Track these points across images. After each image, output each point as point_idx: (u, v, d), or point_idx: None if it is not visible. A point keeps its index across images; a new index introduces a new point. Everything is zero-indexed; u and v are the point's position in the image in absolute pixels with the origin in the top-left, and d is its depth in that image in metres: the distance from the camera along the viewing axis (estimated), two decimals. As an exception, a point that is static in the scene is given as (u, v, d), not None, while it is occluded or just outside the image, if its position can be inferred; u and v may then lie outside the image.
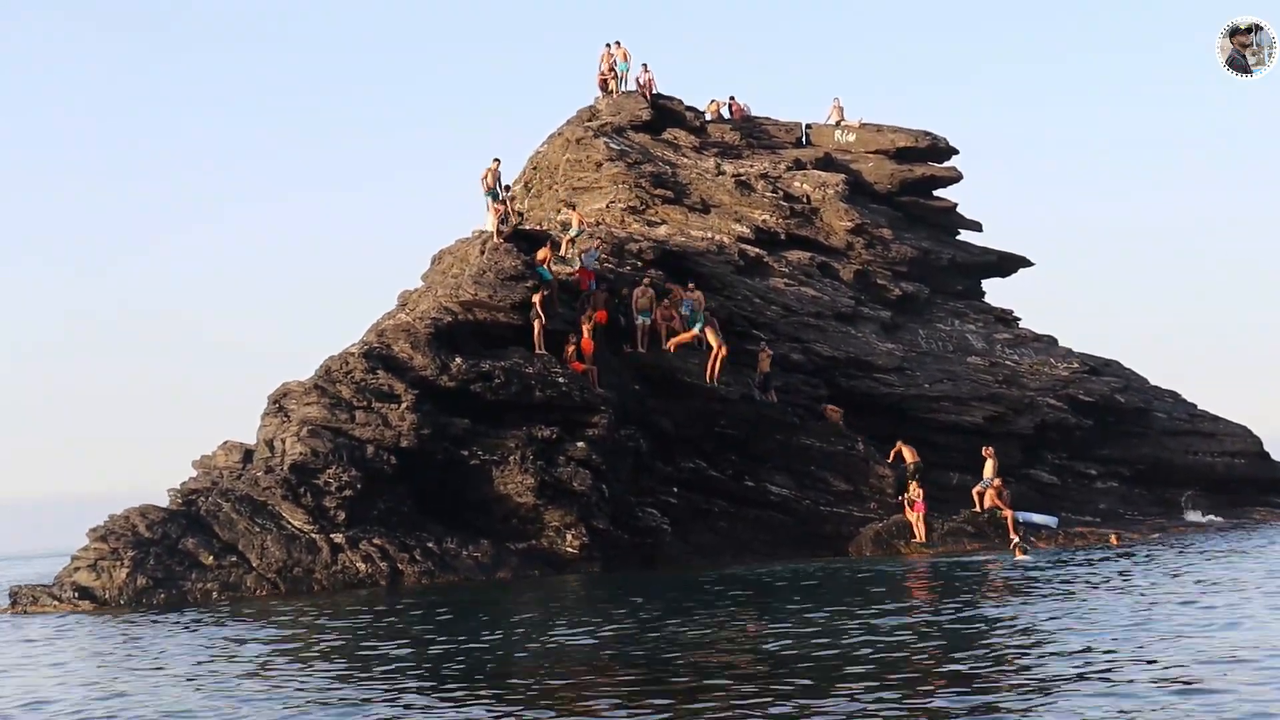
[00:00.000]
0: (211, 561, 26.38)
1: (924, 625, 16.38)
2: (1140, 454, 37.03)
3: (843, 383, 34.68)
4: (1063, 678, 11.88)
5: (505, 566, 27.46)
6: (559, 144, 41.23)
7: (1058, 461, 36.26)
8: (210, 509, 27.23)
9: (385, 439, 28.01)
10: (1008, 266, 41.96)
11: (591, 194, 38.95)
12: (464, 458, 28.59)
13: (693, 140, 40.54)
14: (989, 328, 39.04)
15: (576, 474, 28.60)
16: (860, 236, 38.22)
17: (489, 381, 29.16)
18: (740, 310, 34.99)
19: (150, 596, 25.61)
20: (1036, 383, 36.49)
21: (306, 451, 27.60)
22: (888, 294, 37.90)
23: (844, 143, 41.57)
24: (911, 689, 11.73)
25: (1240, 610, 15.90)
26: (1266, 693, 10.83)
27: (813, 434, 32.45)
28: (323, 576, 26.39)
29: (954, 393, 35.23)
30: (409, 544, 27.25)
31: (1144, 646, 13.40)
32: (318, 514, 27.08)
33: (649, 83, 41.41)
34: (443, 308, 31.10)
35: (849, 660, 13.48)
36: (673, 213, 38.05)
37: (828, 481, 32.16)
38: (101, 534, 26.77)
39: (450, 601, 22.77)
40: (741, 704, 11.39)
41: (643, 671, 13.54)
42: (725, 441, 32.06)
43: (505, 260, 31.50)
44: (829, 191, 38.50)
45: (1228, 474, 37.61)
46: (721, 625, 17.06)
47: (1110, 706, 10.54)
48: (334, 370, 29.49)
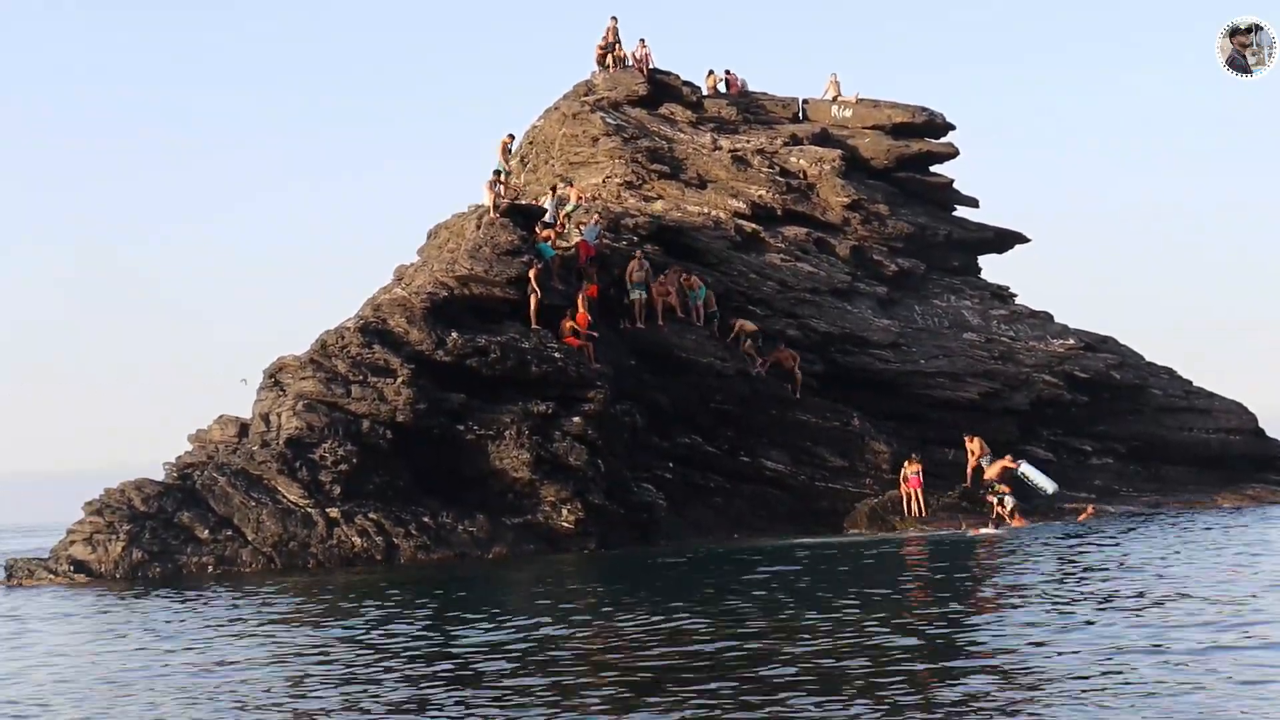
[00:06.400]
0: (207, 536, 26.40)
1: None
2: (1135, 430, 37.04)
3: (838, 358, 34.67)
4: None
5: (501, 541, 27.49)
6: (555, 119, 41.06)
7: (1053, 438, 36.26)
8: (206, 483, 27.23)
9: (381, 414, 28.00)
10: (1004, 243, 41.87)
11: (588, 169, 38.82)
12: (460, 432, 28.59)
13: (689, 115, 40.37)
14: (985, 304, 38.98)
15: (572, 449, 28.60)
16: (856, 212, 38.13)
17: (485, 356, 29.14)
18: (736, 286, 34.94)
19: (146, 570, 25.65)
20: (1032, 359, 36.48)
21: (302, 426, 27.59)
22: (884, 270, 37.84)
23: (841, 118, 41.38)
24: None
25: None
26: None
27: (808, 409, 32.49)
28: (318, 551, 26.42)
29: (950, 369, 35.22)
30: (404, 519, 27.26)
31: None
32: (313, 488, 27.08)
33: (646, 57, 41.19)
34: (439, 282, 31.06)
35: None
36: (669, 188, 37.95)
37: (823, 457, 32.22)
38: (97, 508, 26.79)
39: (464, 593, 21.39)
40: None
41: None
42: (721, 417, 32.10)
43: (501, 235, 31.44)
44: (825, 167, 38.39)
45: (1223, 451, 37.62)
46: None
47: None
48: (330, 345, 29.47)
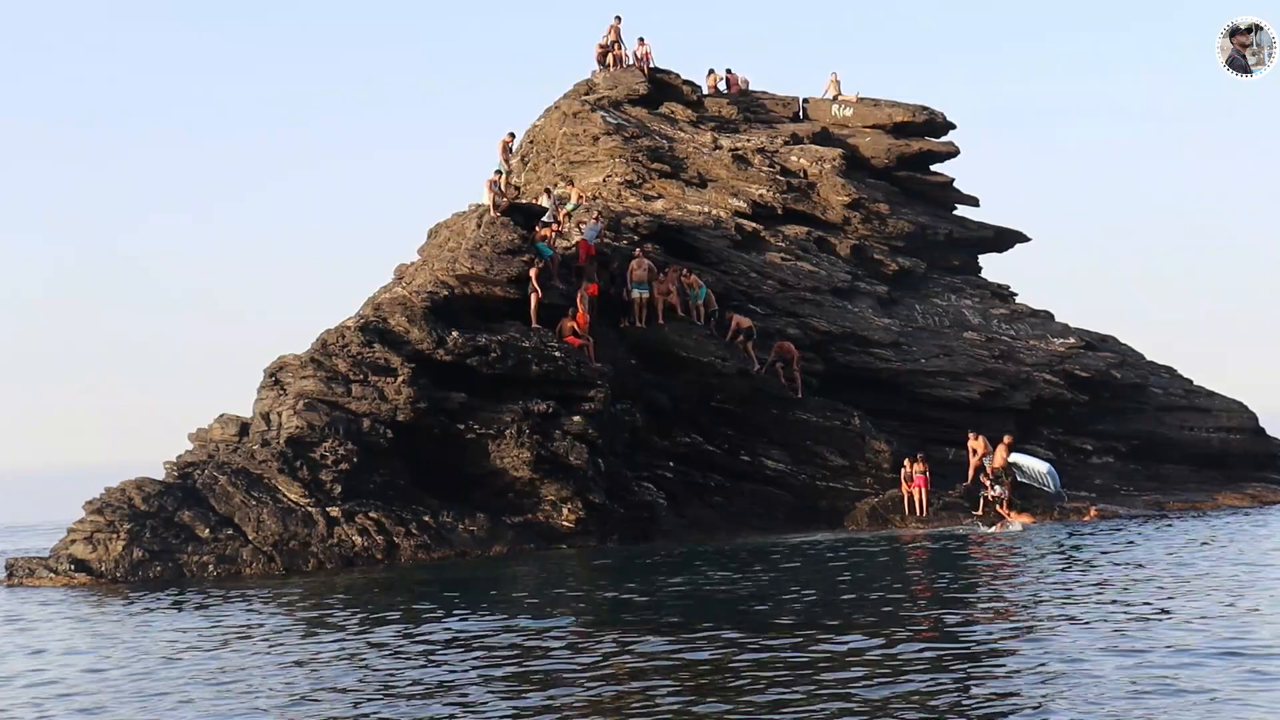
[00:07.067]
0: (208, 534, 26.38)
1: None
2: (1136, 429, 37.02)
3: (839, 358, 34.65)
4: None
5: (501, 540, 27.49)
6: (555, 117, 41.06)
7: (1053, 437, 36.22)
8: (206, 482, 27.23)
9: (381, 412, 28.00)
10: (1005, 242, 41.87)
11: (588, 168, 38.83)
12: (460, 431, 28.60)
13: (690, 115, 40.40)
14: (985, 303, 38.99)
15: (573, 448, 28.61)
16: (857, 211, 38.14)
17: (485, 355, 29.15)
18: (737, 285, 34.93)
19: (146, 569, 25.63)
20: (1033, 358, 36.46)
21: (303, 425, 27.59)
22: (884, 269, 37.85)
23: (841, 117, 41.40)
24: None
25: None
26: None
27: (809, 409, 32.48)
28: (319, 550, 26.41)
29: (950, 368, 35.20)
30: (405, 518, 27.26)
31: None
32: (314, 487, 27.08)
33: (646, 56, 41.22)
34: (439, 281, 31.06)
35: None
36: (669, 187, 37.95)
37: (823, 456, 32.19)
38: (98, 507, 26.77)
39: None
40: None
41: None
42: (721, 416, 32.09)
43: (501, 234, 31.43)
44: (826, 166, 38.39)
45: (1223, 449, 37.60)
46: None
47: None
48: (330, 344, 29.46)
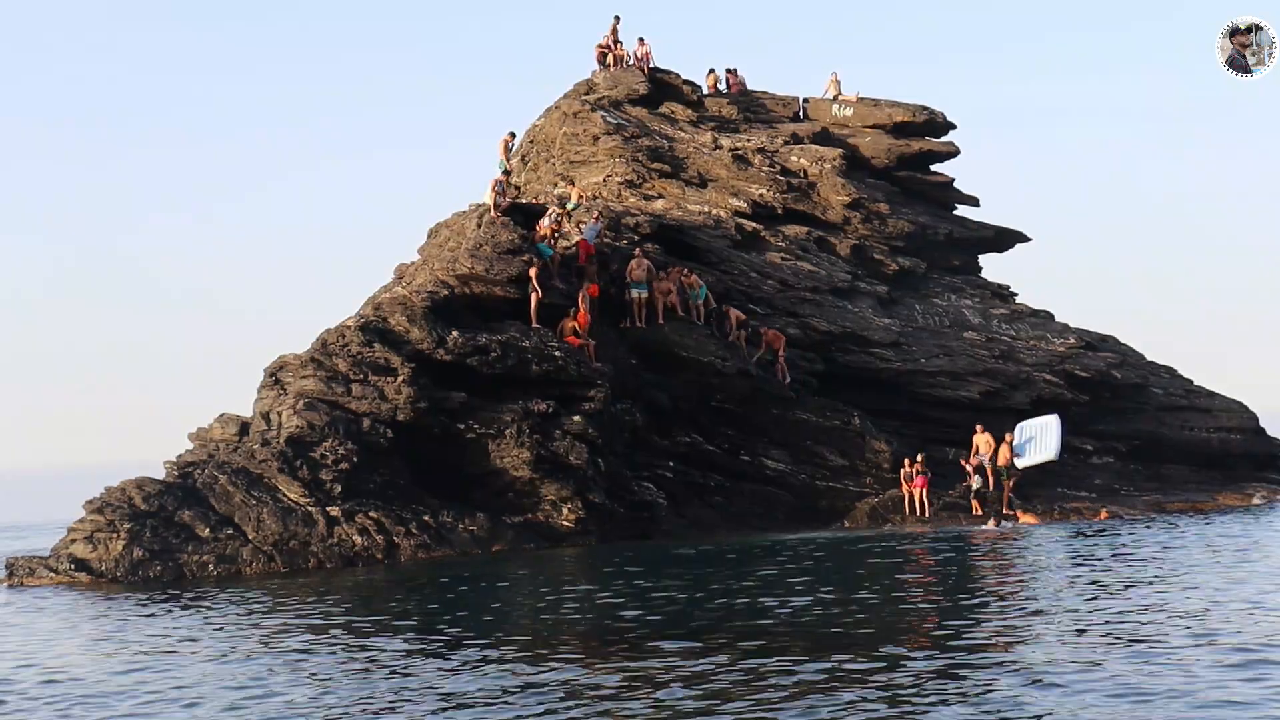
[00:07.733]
0: (208, 534, 26.38)
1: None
2: (1136, 429, 37.03)
3: (839, 358, 34.65)
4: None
5: (501, 540, 27.51)
6: (556, 117, 41.04)
7: (1053, 437, 36.20)
8: (206, 481, 27.23)
9: (381, 412, 28.01)
10: (1005, 242, 41.86)
11: (588, 168, 38.83)
12: (460, 431, 28.61)
13: (690, 114, 40.40)
14: (985, 303, 38.99)
15: (573, 448, 28.62)
16: (857, 211, 38.14)
17: (485, 355, 29.15)
18: (737, 285, 34.93)
19: (146, 569, 25.62)
20: (1033, 358, 36.47)
21: (303, 424, 27.60)
22: (884, 269, 37.85)
23: (841, 117, 41.38)
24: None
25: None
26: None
27: (809, 408, 32.49)
28: (319, 550, 26.41)
29: (950, 368, 35.21)
30: (405, 517, 27.27)
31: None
32: (314, 487, 27.08)
33: (646, 56, 41.22)
34: (439, 281, 31.07)
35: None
36: (669, 187, 37.95)
37: (823, 456, 32.20)
38: (98, 506, 26.77)
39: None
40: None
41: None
42: (721, 415, 32.10)
43: (502, 234, 31.44)
44: (826, 166, 38.39)
45: (1223, 450, 37.61)
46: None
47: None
48: (330, 343, 29.47)
